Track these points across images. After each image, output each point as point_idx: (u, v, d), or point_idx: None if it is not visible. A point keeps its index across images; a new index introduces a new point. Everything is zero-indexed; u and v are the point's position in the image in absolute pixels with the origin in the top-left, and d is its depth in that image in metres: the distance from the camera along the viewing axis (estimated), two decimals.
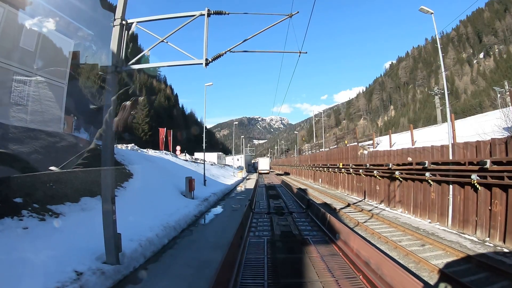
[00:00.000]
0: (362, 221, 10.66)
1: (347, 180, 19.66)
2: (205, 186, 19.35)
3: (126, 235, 7.08)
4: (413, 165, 11.66)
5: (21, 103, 12.12)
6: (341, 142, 24.90)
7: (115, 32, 6.32)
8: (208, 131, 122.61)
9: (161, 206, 10.37)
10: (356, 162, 17.56)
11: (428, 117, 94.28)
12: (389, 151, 13.92)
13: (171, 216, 9.44)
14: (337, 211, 12.68)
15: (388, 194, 14.09)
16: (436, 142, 12.40)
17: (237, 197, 18.24)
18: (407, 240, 8.46)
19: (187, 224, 9.65)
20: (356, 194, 17.98)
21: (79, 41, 15.53)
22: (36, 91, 12.66)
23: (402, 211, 12.87)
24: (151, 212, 9.30)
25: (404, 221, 11.03)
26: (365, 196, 16.64)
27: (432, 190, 10.99)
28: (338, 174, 21.59)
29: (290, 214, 8.83)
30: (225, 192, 19.47)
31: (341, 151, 20.80)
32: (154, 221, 8.49)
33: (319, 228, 7.11)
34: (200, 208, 11.99)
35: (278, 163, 76.73)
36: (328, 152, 25.21)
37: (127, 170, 12.85)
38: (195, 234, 8.71)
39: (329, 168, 23.55)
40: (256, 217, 8.57)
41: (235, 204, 14.77)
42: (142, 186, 11.67)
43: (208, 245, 7.36)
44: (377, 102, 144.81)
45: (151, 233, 7.62)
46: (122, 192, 10.38)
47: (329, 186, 24.20)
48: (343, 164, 19.76)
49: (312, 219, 8.06)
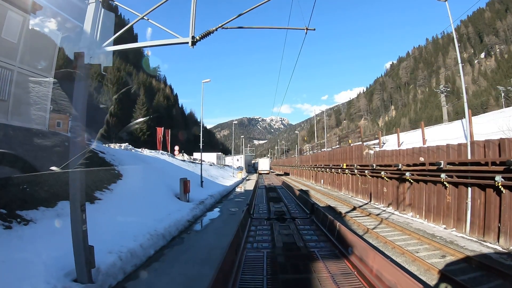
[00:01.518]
0: (371, 227, 9.73)
1: (351, 181, 18.71)
2: (202, 187, 18.42)
3: (104, 247, 6.17)
4: (426, 165, 10.72)
5: (1, 98, 11.21)
6: (344, 142, 23.97)
7: (89, 10, 5.44)
8: (208, 131, 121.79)
9: (151, 210, 9.44)
10: (361, 163, 16.61)
11: (429, 117, 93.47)
12: (398, 151, 12.98)
13: (161, 222, 8.51)
14: (342, 215, 11.74)
15: (397, 196, 13.14)
16: (447, 141, 11.45)
17: (236, 199, 17.31)
18: (425, 250, 7.52)
19: (178, 231, 8.71)
20: (361, 196, 17.04)
21: (68, 33, 14.62)
22: (19, 85, 11.76)
23: (413, 215, 11.92)
24: (138, 217, 8.37)
25: (417, 227, 10.08)
26: (371, 198, 15.69)
27: (448, 193, 10.05)
28: (341, 175, 20.65)
29: (292, 220, 7.88)
30: (223, 194, 18.54)
31: (344, 151, 19.86)
32: (140, 229, 7.55)
33: (326, 238, 6.16)
34: (194, 212, 11.05)
35: (279, 163, 75.74)
36: (330, 152, 24.27)
37: (116, 171, 11.92)
38: (186, 243, 7.78)
39: (331, 168, 22.61)
40: (255, 223, 7.62)
41: (233, 207, 13.84)
42: (132, 189, 10.74)
43: (199, 257, 6.43)
44: (378, 102, 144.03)
45: (135, 243, 6.69)
46: (108, 196, 9.44)
47: (331, 188, 23.25)
48: (347, 164, 18.83)
49: (318, 227, 7.12)
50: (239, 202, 15.78)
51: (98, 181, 10.10)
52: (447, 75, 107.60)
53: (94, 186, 9.59)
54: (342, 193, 20.03)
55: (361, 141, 18.74)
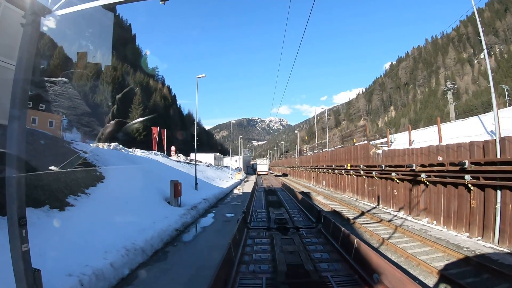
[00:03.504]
0: (386, 237, 8.50)
1: (356, 183, 17.50)
2: (197, 190, 17.17)
3: (64, 267, 4.92)
4: (446, 166, 9.52)
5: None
6: (347, 141, 22.76)
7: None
8: (206, 132, 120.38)
9: (133, 218, 8.18)
10: (367, 163, 15.41)
11: (429, 118, 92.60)
12: (411, 150, 11.77)
13: (142, 232, 7.25)
14: (351, 222, 10.52)
15: (409, 200, 11.93)
16: (463, 139, 10.25)
17: (233, 202, 16.06)
18: (455, 267, 6.30)
19: (163, 242, 7.45)
20: (368, 199, 15.82)
21: None
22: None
23: (429, 221, 10.71)
24: (114, 227, 7.11)
25: (437, 236, 8.86)
26: (378, 202, 14.48)
27: (472, 196, 8.84)
28: (345, 177, 19.43)
29: (296, 231, 6.64)
30: (219, 197, 17.27)
31: (349, 150, 18.65)
32: (114, 242, 6.30)
33: (340, 256, 4.93)
34: (184, 219, 9.79)
35: (278, 164, 74.44)
36: (333, 152, 23.06)
37: (98, 172, 10.65)
38: (170, 259, 6.51)
39: (334, 169, 21.39)
40: (252, 235, 6.37)
41: (229, 212, 12.58)
42: (113, 193, 9.48)
43: (183, 280, 5.18)
44: (377, 103, 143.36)
45: (105, 261, 5.44)
46: (83, 201, 8.18)
47: (334, 190, 22.03)
48: (351, 165, 17.63)
49: (328, 240, 5.88)
50: (235, 206, 14.53)
51: (74, 184, 8.84)
52: (447, 75, 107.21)
53: (68, 190, 8.33)
54: (346, 196, 18.81)
55: (367, 140, 17.54)
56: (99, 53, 47.94)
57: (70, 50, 60.88)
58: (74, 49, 66.88)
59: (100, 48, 52.11)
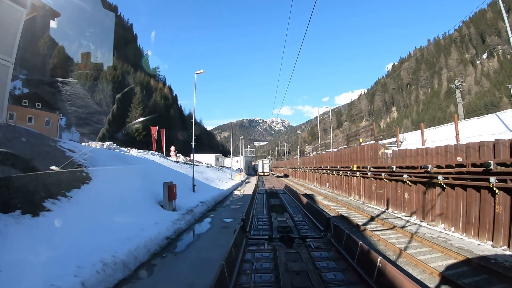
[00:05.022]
0: (402, 246, 7.58)
1: (362, 185, 16.56)
2: (194, 192, 16.30)
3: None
4: (466, 167, 8.60)
5: None
6: (352, 141, 21.82)
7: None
8: (208, 133, 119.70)
9: (118, 225, 7.31)
10: (375, 164, 14.48)
11: (432, 118, 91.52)
12: (425, 150, 10.83)
13: (126, 242, 6.37)
14: (361, 228, 9.59)
15: (423, 204, 11.00)
16: (480, 138, 9.33)
17: (232, 206, 15.16)
18: (489, 284, 5.39)
19: (150, 254, 6.56)
20: (375, 203, 14.88)
21: (36, 12, 12.56)
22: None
23: (445, 227, 9.78)
24: (94, 237, 6.24)
25: (457, 245, 7.94)
26: (388, 205, 13.54)
27: (498, 201, 7.90)
28: (350, 178, 18.50)
29: (303, 242, 5.74)
30: (218, 200, 16.38)
31: (355, 151, 17.72)
32: (91, 254, 5.43)
33: (358, 277, 4.03)
34: (178, 225, 8.90)
35: (279, 165, 73.47)
36: (337, 152, 22.11)
37: (84, 173, 9.79)
38: (156, 275, 5.62)
39: (339, 170, 20.46)
40: (251, 247, 5.48)
41: (227, 217, 11.69)
42: (99, 196, 8.62)
43: None
44: (379, 104, 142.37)
45: (74, 279, 4.57)
46: (63, 205, 7.31)
47: (339, 192, 21.09)
48: (358, 166, 16.70)
49: (340, 254, 4.98)
50: (235, 209, 13.64)
51: (54, 186, 7.98)
52: (449, 76, 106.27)
53: (46, 193, 7.46)
54: (351, 198, 17.87)
55: (375, 140, 16.60)
56: (100, 53, 46.75)
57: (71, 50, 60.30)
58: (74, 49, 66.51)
59: (101, 48, 50.81)
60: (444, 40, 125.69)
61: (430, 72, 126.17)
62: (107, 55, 66.57)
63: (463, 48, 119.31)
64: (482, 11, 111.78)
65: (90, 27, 71.24)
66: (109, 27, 79.27)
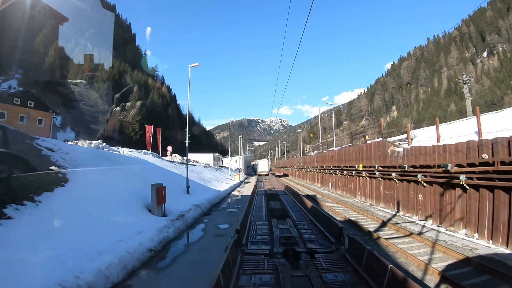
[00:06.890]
0: (425, 258, 6.49)
1: (369, 185, 15.47)
2: (189, 194, 15.18)
3: None
4: (495, 165, 7.51)
5: None
6: (357, 139, 20.73)
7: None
8: (207, 132, 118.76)
9: (90, 236, 6.18)
10: (384, 163, 13.39)
11: (432, 117, 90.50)
12: (443, 146, 9.73)
13: (97, 258, 5.25)
14: (373, 236, 8.49)
15: (440, 207, 9.91)
16: (500, 133, 8.28)
17: (229, 209, 14.05)
18: None
19: (127, 271, 5.45)
20: (384, 205, 13.80)
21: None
22: None
23: (468, 233, 8.70)
24: (58, 251, 5.12)
25: (487, 255, 6.85)
26: (398, 208, 12.46)
27: None
28: (355, 178, 17.41)
29: (311, 259, 4.64)
30: (214, 202, 15.26)
31: (360, 149, 16.62)
32: (48, 276, 4.32)
33: None
34: (165, 234, 7.79)
35: (279, 164, 72.30)
36: (341, 151, 21.01)
37: (61, 174, 8.67)
38: None
39: (343, 170, 19.37)
40: (247, 267, 4.37)
41: (223, 223, 10.59)
42: (74, 200, 7.51)
43: None
44: (379, 103, 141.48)
45: None
46: (28, 212, 6.19)
47: (342, 193, 20.00)
48: (364, 165, 15.61)
49: (359, 276, 3.89)
50: (232, 213, 12.53)
51: (22, 189, 6.87)
52: (449, 74, 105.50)
53: (10, 197, 6.35)
54: (357, 200, 16.78)
55: (382, 137, 15.52)
56: (100, 53, 45.88)
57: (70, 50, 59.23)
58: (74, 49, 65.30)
59: (100, 47, 49.87)
60: (444, 39, 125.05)
61: (430, 71, 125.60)
62: (106, 55, 65.35)
63: (463, 47, 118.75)
64: (481, 10, 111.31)
65: (89, 27, 70.11)
66: (108, 27, 77.98)
